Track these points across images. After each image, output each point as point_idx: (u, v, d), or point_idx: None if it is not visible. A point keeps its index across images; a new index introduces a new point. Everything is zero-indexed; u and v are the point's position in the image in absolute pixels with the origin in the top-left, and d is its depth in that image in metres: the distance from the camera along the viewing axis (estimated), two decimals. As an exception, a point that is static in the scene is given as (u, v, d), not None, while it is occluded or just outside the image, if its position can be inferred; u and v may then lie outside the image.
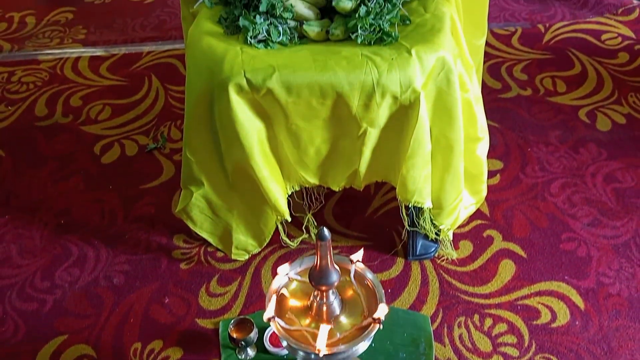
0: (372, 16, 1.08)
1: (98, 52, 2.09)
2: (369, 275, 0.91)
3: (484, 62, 1.74)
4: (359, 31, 1.07)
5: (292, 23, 1.13)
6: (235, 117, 1.06)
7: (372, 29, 1.08)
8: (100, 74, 1.97)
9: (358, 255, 0.91)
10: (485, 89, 1.80)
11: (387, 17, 1.09)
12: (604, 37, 2.03)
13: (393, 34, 1.08)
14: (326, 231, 0.79)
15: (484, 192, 1.35)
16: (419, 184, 1.11)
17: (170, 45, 2.12)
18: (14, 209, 1.50)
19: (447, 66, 1.05)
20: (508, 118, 1.71)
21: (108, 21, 2.28)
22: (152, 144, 1.67)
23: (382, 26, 1.08)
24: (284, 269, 0.93)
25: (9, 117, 1.80)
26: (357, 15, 1.08)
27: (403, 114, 1.06)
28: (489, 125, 1.53)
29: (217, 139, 1.13)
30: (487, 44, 1.80)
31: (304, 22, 1.12)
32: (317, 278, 0.83)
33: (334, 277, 0.83)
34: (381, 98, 1.03)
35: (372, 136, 1.09)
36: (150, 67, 2.00)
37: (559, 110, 1.73)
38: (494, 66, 1.92)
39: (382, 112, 1.05)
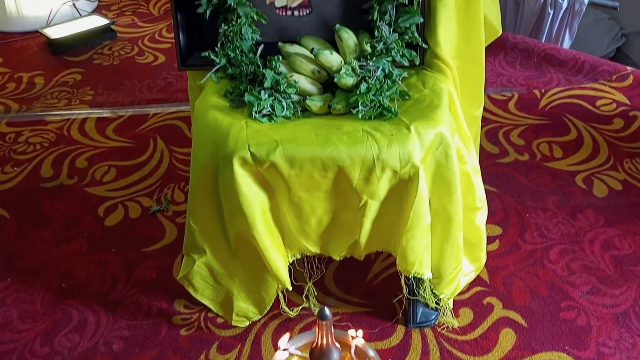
0: (372, 92, 1.12)
1: (105, 113, 2.14)
2: (370, 352, 0.91)
3: (482, 127, 1.79)
4: (360, 107, 1.12)
5: (295, 97, 1.17)
6: (239, 189, 1.08)
7: (372, 104, 1.12)
8: (107, 135, 2.01)
9: (358, 333, 0.92)
10: (483, 154, 1.84)
11: (387, 93, 1.13)
12: (598, 103, 2.08)
13: (393, 109, 1.12)
14: (327, 310, 0.80)
15: (484, 259, 1.36)
16: (418, 255, 1.13)
17: (176, 108, 2.17)
18: (16, 271, 1.51)
19: (445, 141, 1.09)
20: (506, 183, 1.74)
21: (116, 83, 2.35)
22: (156, 207, 1.69)
23: (382, 102, 1.12)
24: (284, 342, 0.93)
25: (14, 178, 1.83)
26: (358, 91, 1.12)
27: (403, 187, 1.08)
28: (487, 190, 1.55)
29: (220, 208, 1.16)
30: (485, 109, 1.86)
31: (307, 96, 1.17)
32: (318, 356, 0.84)
33: (335, 356, 0.84)
34: (381, 172, 1.06)
35: (373, 208, 1.11)
36: (156, 128, 2.05)
37: (556, 175, 1.76)
38: (491, 131, 1.97)
39: (382, 185, 1.08)
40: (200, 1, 1.17)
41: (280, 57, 1.19)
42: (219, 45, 1.20)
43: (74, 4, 2.80)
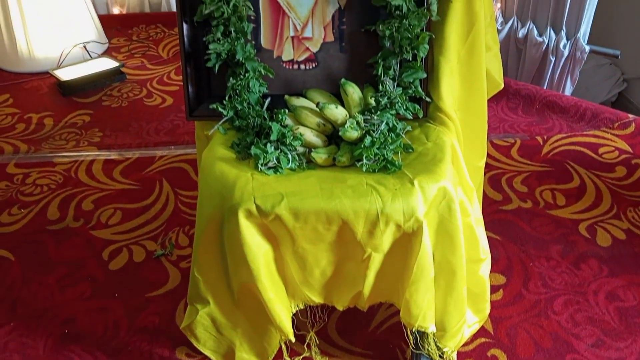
0: (376, 146, 1.14)
1: (112, 155, 2.17)
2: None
3: (485, 173, 1.81)
4: (364, 160, 1.13)
5: (300, 149, 1.19)
6: (244, 240, 1.09)
7: (376, 158, 1.13)
8: (114, 178, 2.04)
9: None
10: (486, 200, 1.85)
11: (391, 147, 1.15)
12: (601, 150, 2.10)
13: (396, 162, 1.14)
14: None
15: (488, 310, 1.36)
16: (422, 309, 1.13)
17: (182, 150, 2.20)
18: (19, 316, 1.51)
19: (448, 195, 1.10)
20: (509, 231, 1.74)
21: (124, 125, 2.39)
22: (160, 251, 1.70)
23: (386, 155, 1.14)
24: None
25: (20, 220, 1.84)
26: (362, 144, 1.14)
27: (406, 241, 1.09)
28: (490, 238, 1.56)
29: (225, 259, 1.16)
30: (488, 155, 1.87)
31: (312, 149, 1.19)
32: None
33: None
34: (385, 226, 1.07)
35: (376, 261, 1.12)
36: (162, 171, 2.07)
37: (560, 223, 1.77)
38: (494, 177, 1.98)
39: (386, 238, 1.09)
40: (210, 56, 1.20)
41: (287, 110, 1.21)
42: (226, 98, 1.22)
43: (84, 46, 2.86)
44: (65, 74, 2.62)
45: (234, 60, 1.21)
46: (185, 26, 1.23)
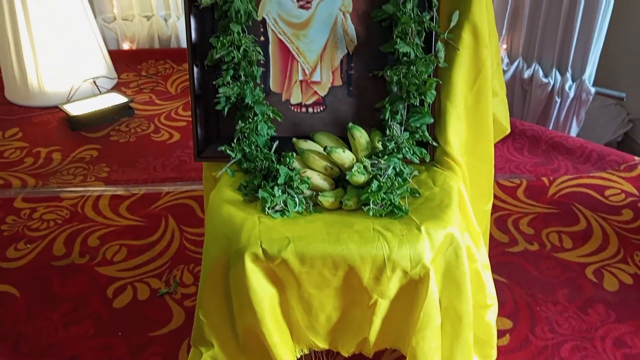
0: (383, 191, 1.14)
1: (119, 191, 2.18)
2: None
3: (491, 214, 1.80)
4: (371, 205, 1.13)
5: (307, 192, 1.19)
6: (250, 284, 1.09)
7: (383, 202, 1.14)
8: (120, 214, 2.04)
9: None
10: (493, 242, 1.84)
11: (398, 191, 1.15)
12: (607, 192, 2.10)
13: (403, 207, 1.14)
14: None
15: (494, 356, 1.34)
16: (428, 357, 1.11)
17: (189, 187, 2.21)
18: (23, 354, 1.49)
19: (455, 242, 1.10)
20: (516, 273, 1.73)
21: (131, 160, 2.40)
22: (164, 289, 1.69)
23: (393, 200, 1.14)
24: None
25: (26, 255, 1.84)
26: (369, 189, 1.14)
27: (413, 287, 1.08)
28: (497, 281, 1.55)
29: (230, 302, 1.15)
30: (494, 195, 1.87)
31: (319, 192, 1.19)
32: None
33: None
34: (391, 272, 1.06)
35: (383, 307, 1.11)
36: (168, 207, 2.08)
37: (566, 267, 1.75)
38: (500, 218, 1.98)
39: (393, 285, 1.08)
40: (219, 99, 1.22)
41: (294, 153, 1.22)
42: (235, 141, 1.23)
43: (94, 81, 2.91)
44: (75, 109, 2.65)
45: (243, 104, 1.22)
46: (195, 69, 1.25)
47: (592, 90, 2.49)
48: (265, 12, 1.24)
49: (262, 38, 1.25)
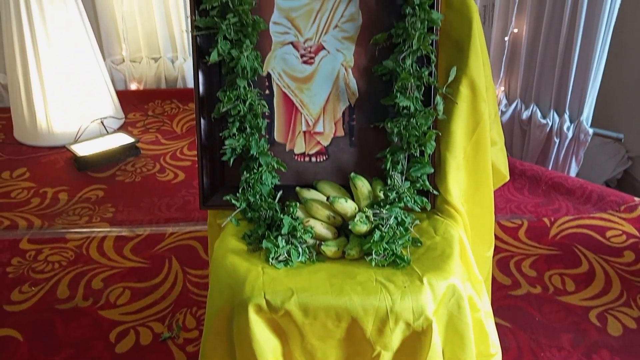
0: (385, 241, 1.16)
1: (124, 232, 2.20)
2: None
3: (493, 256, 1.81)
4: (374, 255, 1.15)
5: (310, 241, 1.21)
6: (253, 335, 1.10)
7: (385, 252, 1.15)
8: (124, 255, 2.06)
9: None
10: (495, 285, 1.85)
11: (400, 241, 1.17)
12: (608, 234, 2.11)
13: (405, 257, 1.15)
14: None
15: (499, 405, 1.33)
16: (432, 409, 1.11)
17: (192, 227, 2.23)
18: (24, 401, 1.50)
19: (457, 293, 1.11)
20: (519, 317, 1.73)
21: (136, 200, 2.43)
22: (167, 333, 1.70)
23: (395, 250, 1.16)
24: None
25: (31, 298, 1.86)
26: (372, 239, 1.16)
27: (416, 339, 1.09)
28: (500, 325, 1.55)
29: (233, 353, 1.16)
30: (496, 236, 1.88)
31: (322, 241, 1.21)
32: None
33: None
34: (394, 324, 1.07)
35: (386, 359, 1.11)
36: (172, 249, 2.10)
37: (570, 311, 1.76)
38: (502, 260, 1.99)
39: (395, 337, 1.09)
40: (225, 150, 1.25)
41: (298, 203, 1.24)
42: (240, 190, 1.26)
43: (102, 122, 2.96)
44: (82, 149, 2.69)
45: (249, 155, 1.25)
46: (202, 121, 1.28)
47: (590, 131, 2.53)
48: (270, 68, 1.28)
49: (267, 91, 1.29)
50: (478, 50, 1.24)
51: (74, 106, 2.87)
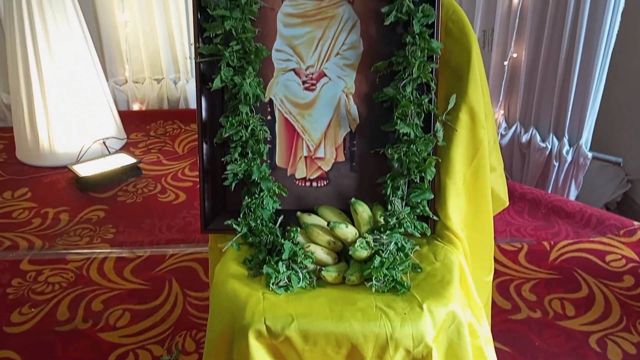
0: (385, 266, 1.16)
1: (124, 253, 2.20)
2: None
3: (493, 280, 1.81)
4: (374, 281, 1.16)
5: (311, 267, 1.22)
6: (253, 361, 1.10)
7: (385, 278, 1.16)
8: (124, 277, 2.06)
9: None
10: (495, 309, 1.85)
11: (400, 267, 1.18)
12: (608, 258, 2.12)
13: (405, 283, 1.16)
14: None
15: None
16: None
17: (193, 249, 2.23)
18: None
19: (457, 319, 1.11)
20: (519, 342, 1.73)
21: (137, 221, 2.44)
22: (166, 356, 1.69)
23: (395, 276, 1.16)
24: None
25: (31, 319, 1.85)
26: (372, 265, 1.17)
27: (415, 366, 1.09)
28: (500, 350, 1.55)
29: (233, 378, 1.16)
30: (496, 260, 1.89)
31: (322, 267, 1.22)
32: None
33: None
34: (394, 351, 1.08)
35: (385, 385, 1.11)
36: (172, 270, 2.10)
37: (570, 336, 1.75)
38: (502, 284, 1.99)
39: (395, 363, 1.09)
40: (227, 175, 1.26)
41: (298, 228, 1.25)
42: (241, 215, 1.27)
43: (104, 142, 2.98)
44: (84, 170, 2.70)
45: (250, 180, 1.27)
46: (205, 146, 1.30)
47: (589, 155, 2.54)
48: (272, 94, 1.30)
49: (269, 117, 1.31)
50: (477, 78, 1.26)
51: (77, 126, 2.89)
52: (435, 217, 1.30)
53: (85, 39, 2.87)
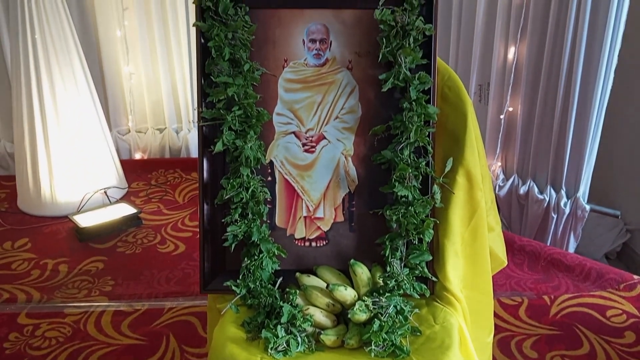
0: (385, 330, 1.16)
1: (122, 306, 2.19)
2: None
3: (494, 335, 1.80)
4: (373, 346, 1.15)
5: (310, 330, 1.21)
6: None
7: (384, 343, 1.16)
8: (121, 331, 2.04)
9: None
10: (497, 367, 1.83)
11: (399, 331, 1.17)
12: (609, 313, 2.10)
13: (405, 348, 1.15)
14: None
15: None
16: None
17: (191, 302, 2.22)
18: None
19: (456, 386, 1.11)
20: (521, 402, 1.71)
21: (136, 273, 2.43)
22: (163, 416, 1.67)
23: (394, 341, 1.16)
24: None
25: (26, 376, 1.83)
26: (371, 329, 1.17)
27: None
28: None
29: None
30: (496, 314, 1.88)
31: (321, 330, 1.21)
32: None
33: None
34: (393, 419, 1.07)
35: None
36: (170, 324, 2.08)
37: (572, 395, 1.73)
38: (503, 340, 1.97)
39: None
40: (227, 236, 1.27)
41: (297, 290, 1.25)
42: (240, 276, 1.27)
43: (105, 192, 3.00)
44: (84, 220, 2.71)
45: (250, 241, 1.28)
46: (205, 207, 1.31)
47: (587, 207, 2.56)
48: (273, 155, 1.32)
49: (269, 178, 1.33)
50: (473, 142, 1.29)
51: (79, 176, 2.91)
52: (434, 279, 1.30)
53: (90, 91, 2.93)
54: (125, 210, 2.84)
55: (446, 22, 2.86)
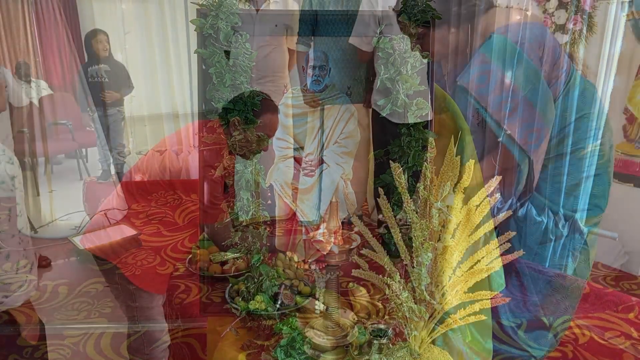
0: (384, 353, 1.17)
1: (121, 328, 2.19)
2: None
3: (493, 358, 1.80)
4: (372, 368, 1.16)
5: (309, 352, 1.22)
6: None
7: (383, 365, 1.16)
8: (120, 353, 2.04)
9: None
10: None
11: (398, 354, 1.18)
12: (607, 335, 2.10)
13: (403, 371, 1.16)
14: None
15: None
16: None
17: (191, 324, 2.21)
18: None
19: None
20: None
21: (135, 294, 2.43)
22: None
23: (392, 363, 1.17)
24: None
25: (25, 399, 1.82)
26: (370, 351, 1.17)
27: None
28: None
29: None
30: (495, 336, 1.87)
31: (321, 353, 1.22)
32: None
33: None
34: None
35: None
36: (170, 346, 2.07)
37: (572, 419, 1.72)
38: (502, 363, 1.97)
39: None
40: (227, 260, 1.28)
41: (297, 313, 1.26)
42: (240, 299, 1.28)
43: (105, 214, 3.00)
44: (84, 242, 2.71)
45: (250, 264, 1.29)
46: (206, 230, 1.33)
47: (585, 230, 2.56)
48: (272, 180, 1.34)
49: (269, 202, 1.35)
50: (471, 165, 1.31)
51: (79, 199, 2.92)
52: (433, 302, 1.31)
53: (92, 118, 2.96)
54: (125, 232, 2.84)
55: (444, 50, 2.90)
